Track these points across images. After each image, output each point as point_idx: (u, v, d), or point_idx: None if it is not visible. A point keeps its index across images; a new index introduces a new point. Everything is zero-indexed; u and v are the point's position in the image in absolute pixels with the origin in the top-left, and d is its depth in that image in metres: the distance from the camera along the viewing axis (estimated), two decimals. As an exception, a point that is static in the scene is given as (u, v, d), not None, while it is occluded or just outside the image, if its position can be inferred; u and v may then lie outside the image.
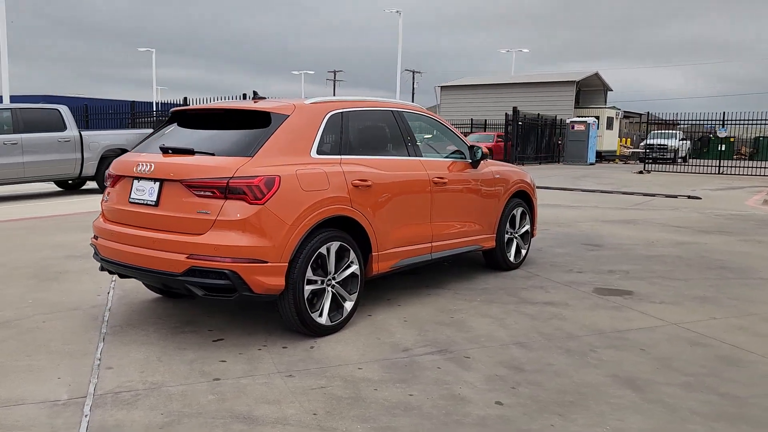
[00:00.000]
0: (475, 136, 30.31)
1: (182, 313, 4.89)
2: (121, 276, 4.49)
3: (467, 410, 3.27)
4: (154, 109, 31.81)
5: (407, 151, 5.22)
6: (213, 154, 4.19)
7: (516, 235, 6.50)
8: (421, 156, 5.35)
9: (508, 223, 6.32)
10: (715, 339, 4.40)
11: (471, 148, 5.85)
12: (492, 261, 6.41)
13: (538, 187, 7.32)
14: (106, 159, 13.89)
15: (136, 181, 4.36)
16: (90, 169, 13.77)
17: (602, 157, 33.20)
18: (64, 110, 13.60)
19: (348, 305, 4.56)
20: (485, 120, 34.54)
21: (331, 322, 4.42)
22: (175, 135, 4.62)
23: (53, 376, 3.66)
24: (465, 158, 5.85)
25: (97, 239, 4.56)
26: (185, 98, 22.94)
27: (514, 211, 6.41)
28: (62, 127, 13.38)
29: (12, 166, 12.50)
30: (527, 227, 6.65)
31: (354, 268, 4.56)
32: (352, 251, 4.52)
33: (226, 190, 3.95)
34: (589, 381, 3.66)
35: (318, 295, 4.36)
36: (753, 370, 3.85)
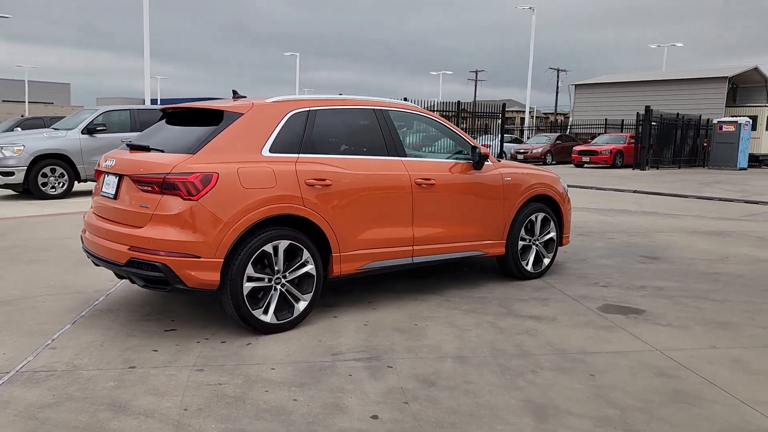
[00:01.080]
0: (605, 137, 28.63)
1: (168, 302, 5.12)
2: (96, 264, 4.81)
3: (334, 421, 3.14)
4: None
5: (387, 150, 5.07)
6: (163, 151, 4.36)
7: (536, 243, 6.08)
8: (405, 156, 5.17)
9: (523, 230, 5.92)
10: (691, 371, 3.83)
11: (474, 149, 5.56)
12: (505, 269, 6.06)
13: (652, 193, 6.81)
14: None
15: (105, 176, 4.66)
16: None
17: (760, 161, 29.91)
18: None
19: (301, 305, 4.53)
20: (622, 120, 32.45)
21: (278, 320, 4.41)
22: (152, 132, 4.87)
23: (0, 352, 4.01)
24: (469, 159, 5.57)
25: (84, 231, 4.92)
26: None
27: (532, 217, 5.99)
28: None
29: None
30: (552, 235, 6.19)
31: (309, 267, 4.53)
32: (305, 250, 4.49)
33: (163, 186, 4.09)
34: (495, 404, 3.35)
35: (265, 292, 4.37)
36: (698, 411, 3.31)
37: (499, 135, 21.66)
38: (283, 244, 4.39)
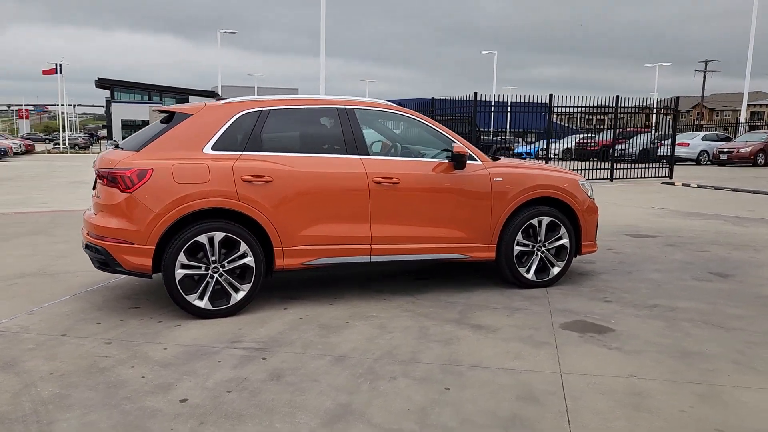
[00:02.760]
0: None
1: (160, 289, 5.71)
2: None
3: (148, 401, 3.36)
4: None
5: (346, 149, 5.12)
6: (122, 149, 4.92)
7: (542, 249, 5.63)
8: (367, 154, 5.16)
9: (521, 234, 5.53)
10: (565, 399, 3.38)
11: (449, 149, 5.35)
12: (501, 275, 5.71)
13: None
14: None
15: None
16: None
17: None
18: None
19: (239, 295, 4.80)
20: None
21: (213, 307, 4.74)
22: (137, 132, 5.46)
23: (-9, 313, 4.88)
24: (449, 159, 5.38)
25: None
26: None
27: (534, 221, 5.56)
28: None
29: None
30: (563, 241, 5.67)
31: (248, 259, 4.78)
32: (243, 243, 4.75)
33: (109, 179, 4.65)
34: (308, 404, 3.32)
35: (201, 279, 4.72)
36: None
37: (668, 131, 19.54)
38: (219, 236, 4.69)
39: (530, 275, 5.63)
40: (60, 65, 66.75)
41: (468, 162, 5.40)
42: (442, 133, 5.49)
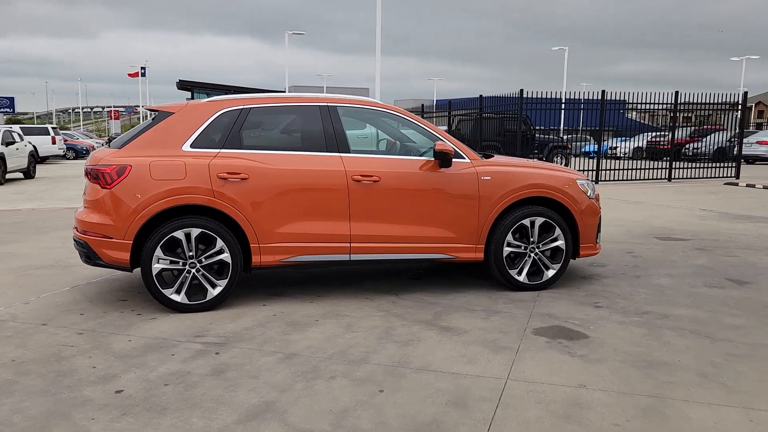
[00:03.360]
0: None
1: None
2: None
3: (84, 389, 3.47)
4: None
5: (326, 146, 5.11)
6: (109, 147, 5.10)
7: (535, 251, 5.44)
8: (348, 152, 5.13)
9: (511, 235, 5.36)
10: (497, 404, 3.25)
11: (432, 147, 5.25)
12: (492, 277, 5.56)
13: None
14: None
15: None
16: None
17: None
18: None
19: (216, 290, 4.89)
20: None
21: (189, 301, 4.84)
22: (130, 130, 5.63)
23: (-9, 301, 5.18)
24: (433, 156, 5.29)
25: None
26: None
27: (526, 221, 5.37)
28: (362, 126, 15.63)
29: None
30: (558, 243, 5.46)
31: (224, 256, 4.86)
32: (219, 239, 4.83)
33: (93, 176, 4.83)
34: (230, 400, 3.34)
35: (178, 274, 4.84)
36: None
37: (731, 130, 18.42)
38: (195, 232, 4.79)
39: (522, 277, 5.44)
40: (144, 68, 70.00)
41: (455, 160, 5.28)
42: (428, 131, 5.40)
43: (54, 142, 30.02)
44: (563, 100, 16.98)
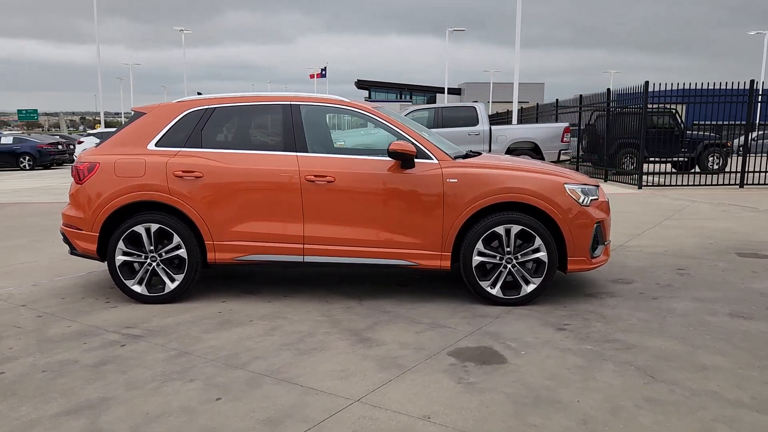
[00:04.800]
0: None
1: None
2: None
3: (-21, 367, 3.81)
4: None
5: (284, 145, 5.05)
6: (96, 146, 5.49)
7: (512, 262, 4.94)
8: (306, 152, 5.03)
9: (481, 243, 4.91)
10: (319, 428, 3.02)
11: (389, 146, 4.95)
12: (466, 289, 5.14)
13: None
14: (512, 151, 15.06)
15: None
16: (497, 160, 15.15)
17: None
18: (479, 107, 15.38)
19: (173, 284, 5.07)
20: None
21: (149, 293, 5.08)
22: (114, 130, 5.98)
23: (9, 282, 5.85)
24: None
25: None
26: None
27: (499, 229, 4.88)
28: (475, 122, 15.21)
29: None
30: (539, 255, 4.89)
31: (181, 251, 5.04)
32: (176, 235, 5.01)
33: (72, 172, 5.25)
34: (86, 394, 3.46)
35: (140, 267, 5.09)
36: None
37: None
38: (154, 227, 5.01)
39: (495, 290, 4.95)
40: (324, 69, 74.24)
41: (421, 161, 4.94)
42: (394, 129, 5.10)
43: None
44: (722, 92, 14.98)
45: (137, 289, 5.06)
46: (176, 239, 4.99)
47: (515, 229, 4.87)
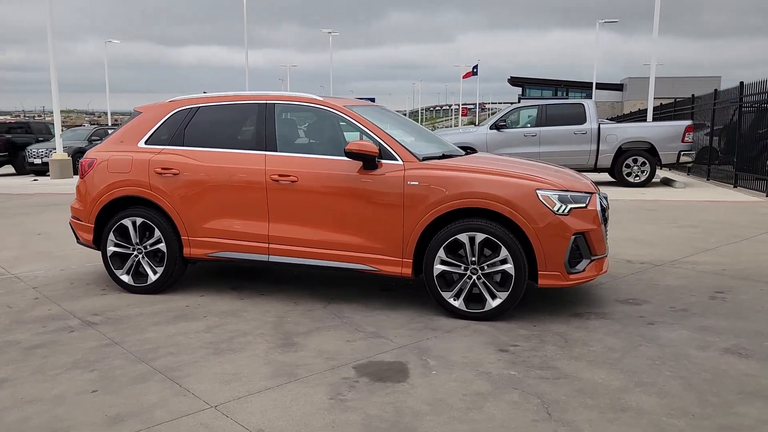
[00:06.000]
0: None
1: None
2: None
3: (-59, 341, 4.26)
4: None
5: (255, 144, 5.08)
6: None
7: (478, 273, 4.58)
8: (275, 150, 5.02)
9: (443, 251, 4.61)
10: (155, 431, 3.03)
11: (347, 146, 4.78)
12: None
13: None
14: (625, 152, 13.97)
15: None
16: (605, 161, 14.11)
17: None
18: (588, 104, 14.39)
19: (155, 276, 5.32)
20: None
21: (134, 283, 5.37)
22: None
23: (38, 264, 6.47)
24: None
25: None
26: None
27: (462, 237, 4.55)
28: (582, 120, 14.25)
29: (528, 155, 14.42)
30: (506, 267, 4.49)
31: (161, 245, 5.27)
32: (156, 229, 5.26)
33: (78, 168, 5.69)
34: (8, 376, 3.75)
35: (129, 258, 5.40)
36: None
37: None
38: (138, 221, 5.29)
39: (458, 303, 4.61)
40: (476, 67, 73.59)
41: (386, 161, 4.74)
42: (362, 127, 4.91)
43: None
44: None
45: (125, 278, 5.36)
46: (157, 233, 5.21)
47: (480, 237, 4.49)
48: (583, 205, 4.54)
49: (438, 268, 4.60)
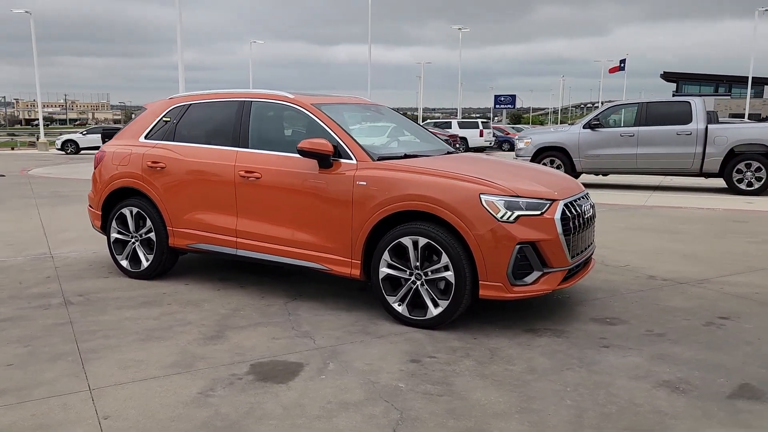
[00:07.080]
0: None
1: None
2: None
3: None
4: None
5: (231, 140, 5.23)
6: (120, 138, 6.33)
7: (422, 279, 4.41)
8: (247, 147, 5.14)
9: (388, 254, 4.49)
10: None
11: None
12: (382, 300, 4.73)
13: None
14: (737, 155, 12.66)
15: None
16: (712, 165, 12.84)
17: None
18: (696, 102, 13.14)
19: (147, 263, 5.67)
20: None
21: (131, 269, 5.76)
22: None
23: (68, 249, 7.10)
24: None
25: None
26: None
27: (405, 240, 4.40)
28: (688, 119, 13.05)
29: (624, 156, 13.48)
30: (446, 274, 4.29)
31: (152, 234, 5.62)
32: (148, 219, 5.61)
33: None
34: (-51, 340, 4.21)
35: (127, 244, 5.80)
36: None
37: None
38: (134, 210, 5.67)
39: (401, 308, 4.46)
40: (623, 61, 69.56)
41: (342, 160, 4.70)
42: (322, 125, 4.87)
43: (481, 135, 33.62)
44: None
45: (124, 263, 5.76)
46: (149, 223, 5.53)
47: (422, 241, 4.31)
48: (538, 212, 4.19)
49: (383, 271, 4.47)
